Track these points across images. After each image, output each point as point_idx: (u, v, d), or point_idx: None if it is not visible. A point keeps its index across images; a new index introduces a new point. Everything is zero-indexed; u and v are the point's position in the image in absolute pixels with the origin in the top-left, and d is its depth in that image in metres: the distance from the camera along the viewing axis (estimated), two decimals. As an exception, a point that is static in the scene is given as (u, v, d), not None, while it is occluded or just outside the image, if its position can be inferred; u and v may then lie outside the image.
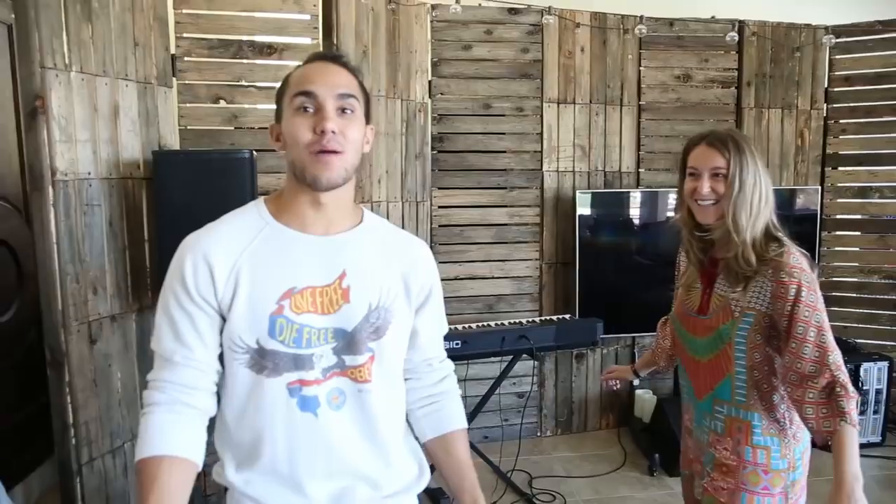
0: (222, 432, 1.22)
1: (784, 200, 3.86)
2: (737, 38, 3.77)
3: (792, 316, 1.49)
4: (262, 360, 1.14)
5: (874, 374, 3.68)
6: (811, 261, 1.56)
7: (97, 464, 2.50)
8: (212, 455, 1.23)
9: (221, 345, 1.18)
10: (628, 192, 3.80)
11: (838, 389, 1.46)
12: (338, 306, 1.17)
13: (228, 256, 1.15)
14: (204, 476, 2.78)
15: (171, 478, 1.09)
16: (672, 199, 3.67)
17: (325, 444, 1.17)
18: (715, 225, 1.61)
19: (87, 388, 2.45)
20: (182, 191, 2.40)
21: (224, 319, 1.16)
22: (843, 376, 1.47)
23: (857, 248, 4.19)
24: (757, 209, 1.57)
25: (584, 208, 3.65)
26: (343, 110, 1.15)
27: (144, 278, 2.69)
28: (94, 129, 2.44)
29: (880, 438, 3.72)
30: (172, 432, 1.12)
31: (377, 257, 1.24)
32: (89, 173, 2.42)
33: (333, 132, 1.12)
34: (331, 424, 1.17)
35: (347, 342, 1.17)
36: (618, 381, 2.19)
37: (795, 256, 1.53)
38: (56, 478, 2.51)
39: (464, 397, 3.69)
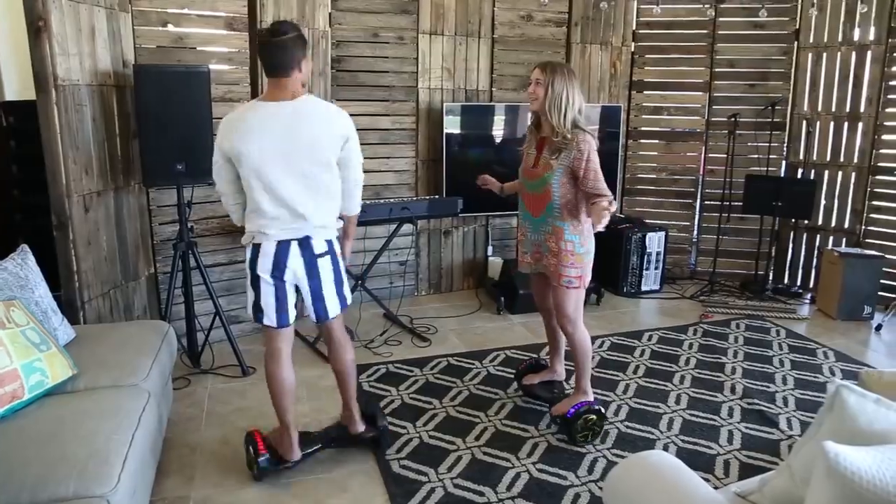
0: None
1: (600, 116, 5.09)
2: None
3: (585, 167, 2.66)
4: None
5: (655, 240, 5.05)
6: (595, 139, 2.70)
7: (94, 302, 3.32)
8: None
9: None
10: (482, 105, 4.80)
11: (601, 195, 2.64)
12: None
13: None
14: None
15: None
16: (513, 111, 4.85)
17: None
18: (541, 113, 2.75)
19: (83, 245, 3.24)
20: (156, 97, 3.15)
21: None
22: (604, 191, 2.65)
23: (654, 153, 5.53)
24: (563, 107, 2.68)
25: (449, 117, 4.61)
26: None
27: (117, 164, 3.45)
28: (80, 45, 3.14)
29: (658, 286, 5.14)
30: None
31: None
32: (78, 80, 3.13)
33: None
34: None
35: None
36: (488, 184, 3.20)
37: (586, 137, 2.67)
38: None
39: (361, 265, 5.00)
